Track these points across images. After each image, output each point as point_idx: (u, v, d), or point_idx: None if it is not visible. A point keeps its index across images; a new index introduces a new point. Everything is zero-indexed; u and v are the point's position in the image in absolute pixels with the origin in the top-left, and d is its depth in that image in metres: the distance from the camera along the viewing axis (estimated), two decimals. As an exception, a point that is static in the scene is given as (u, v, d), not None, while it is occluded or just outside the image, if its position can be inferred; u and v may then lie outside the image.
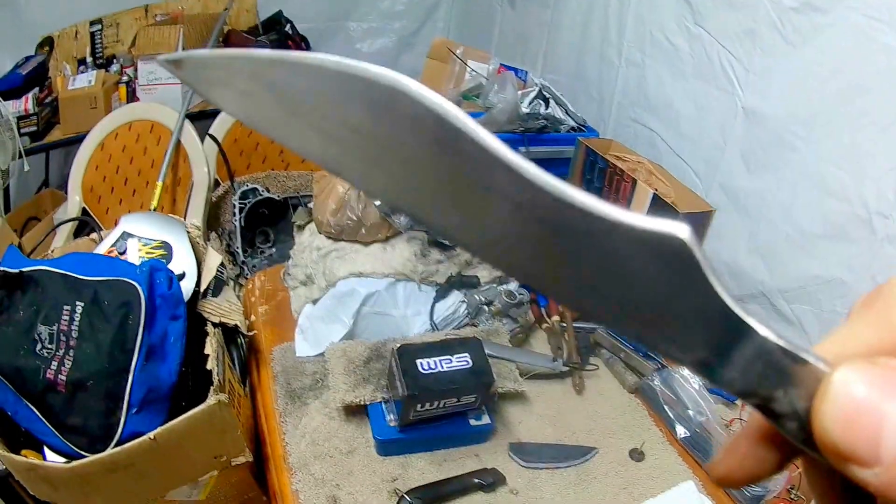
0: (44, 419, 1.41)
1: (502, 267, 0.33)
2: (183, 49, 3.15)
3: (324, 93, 0.31)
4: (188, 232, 1.81)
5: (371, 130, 0.31)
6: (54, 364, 1.41)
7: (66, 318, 1.44)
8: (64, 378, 1.40)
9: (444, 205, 0.32)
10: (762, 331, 0.28)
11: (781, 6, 1.90)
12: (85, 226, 2.62)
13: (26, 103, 3.00)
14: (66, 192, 2.87)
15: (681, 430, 1.67)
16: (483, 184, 0.29)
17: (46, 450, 1.45)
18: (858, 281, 1.77)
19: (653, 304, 0.30)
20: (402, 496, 1.44)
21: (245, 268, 2.44)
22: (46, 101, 3.14)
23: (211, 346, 1.53)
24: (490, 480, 1.51)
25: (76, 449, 1.41)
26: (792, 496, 1.58)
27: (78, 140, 2.88)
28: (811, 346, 0.29)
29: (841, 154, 1.79)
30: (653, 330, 0.31)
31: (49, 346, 1.42)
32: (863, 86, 1.72)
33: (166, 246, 1.74)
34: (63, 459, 1.42)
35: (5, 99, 2.80)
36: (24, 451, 1.43)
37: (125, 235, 1.76)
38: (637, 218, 0.27)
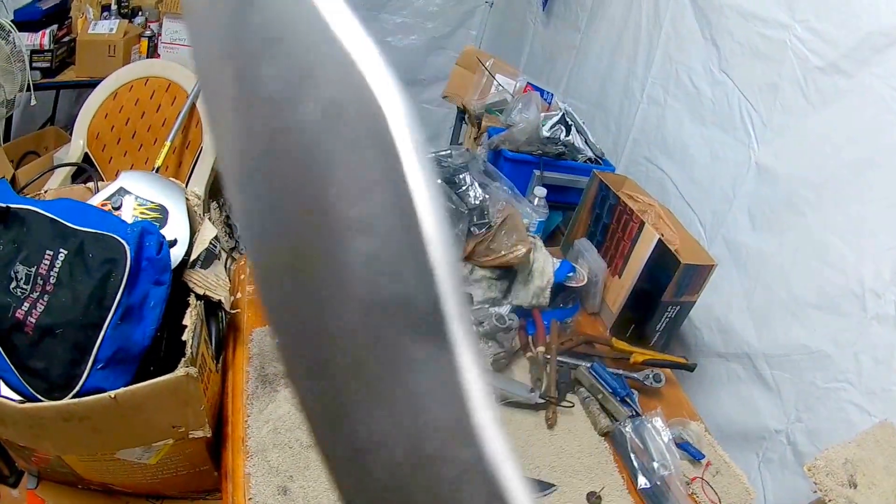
0: (4, 355, 1.39)
1: None
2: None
3: None
4: (187, 199, 1.79)
5: None
6: (26, 305, 1.38)
7: (47, 262, 1.42)
8: (34, 321, 1.38)
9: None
10: None
11: (808, 64, 1.91)
12: (83, 172, 2.59)
13: (42, 38, 2.99)
14: (70, 134, 2.85)
15: (642, 481, 1.64)
16: None
17: (2, 384, 1.43)
18: (842, 357, 1.77)
19: None
20: (354, 499, 1.41)
21: (241, 243, 2.41)
22: (64, 39, 3.12)
23: (190, 318, 1.51)
24: (443, 500, 1.48)
25: (33, 391, 1.40)
26: None
27: (91, 84, 2.87)
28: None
29: (845, 226, 1.79)
30: None
31: (24, 287, 1.40)
32: (876, 160, 1.72)
33: (162, 210, 1.72)
34: (18, 398, 1.40)
35: (20, 30, 2.77)
36: (-25, 381, 1.42)
37: (122, 191, 1.73)
38: None
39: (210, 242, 1.70)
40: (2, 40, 2.64)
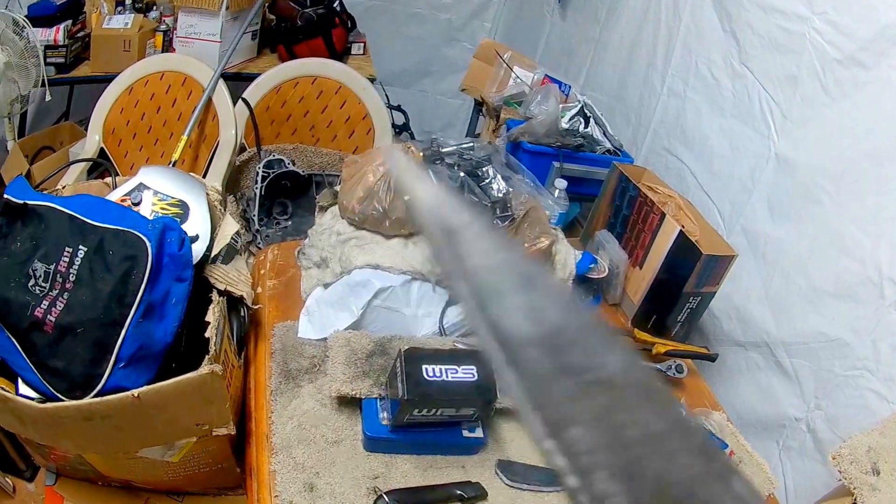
0: (24, 354, 1.38)
1: None
2: (227, 10, 3.09)
3: None
4: (208, 194, 1.77)
5: None
6: (45, 303, 1.38)
7: (66, 259, 1.41)
8: (53, 319, 1.37)
9: None
10: None
11: (826, 56, 1.91)
12: (98, 167, 2.59)
13: (56, 33, 2.98)
14: (85, 129, 2.85)
15: (669, 473, 1.63)
16: None
17: (21, 382, 1.42)
18: (860, 344, 1.77)
19: None
20: (381, 495, 1.41)
21: (258, 236, 2.41)
22: (78, 35, 3.11)
23: (213, 315, 1.49)
24: (472, 494, 1.47)
25: (53, 390, 1.39)
26: None
27: (106, 79, 2.87)
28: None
29: (863, 215, 1.79)
30: None
31: (43, 285, 1.39)
32: (894, 150, 1.73)
33: (183, 205, 1.70)
34: (37, 396, 1.40)
35: (34, 26, 2.77)
36: (-4, 379, 1.41)
37: (141, 187, 1.71)
38: None
39: (231, 238, 1.69)
40: (16, 35, 2.63)
